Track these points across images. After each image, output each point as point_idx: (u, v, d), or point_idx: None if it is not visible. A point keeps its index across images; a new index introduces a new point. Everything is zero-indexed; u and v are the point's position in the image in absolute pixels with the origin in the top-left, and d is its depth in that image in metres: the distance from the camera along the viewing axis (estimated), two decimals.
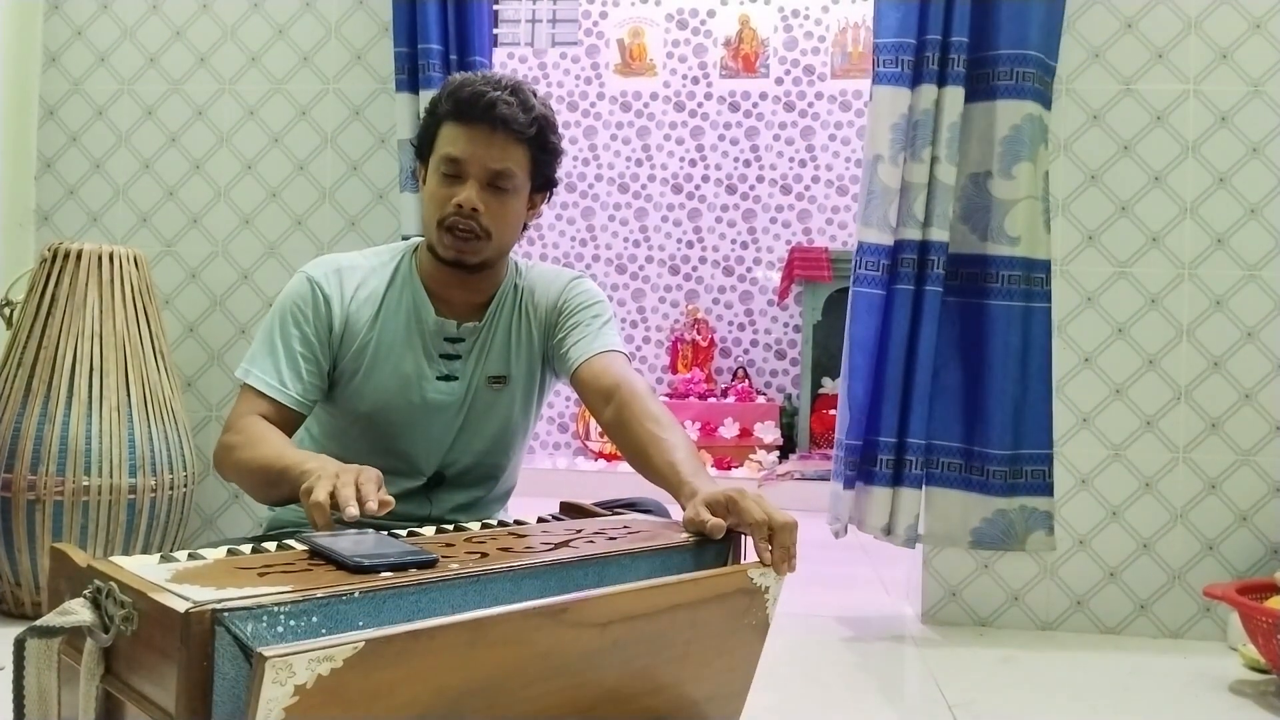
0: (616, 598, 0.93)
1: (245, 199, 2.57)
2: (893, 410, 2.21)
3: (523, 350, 1.49)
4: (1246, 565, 2.25)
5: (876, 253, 2.22)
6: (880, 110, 2.20)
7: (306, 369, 1.40)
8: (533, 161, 1.41)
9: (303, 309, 1.41)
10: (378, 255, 1.51)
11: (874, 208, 2.21)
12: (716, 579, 1.04)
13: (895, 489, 2.23)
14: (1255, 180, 2.27)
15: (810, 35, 5.43)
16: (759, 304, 5.41)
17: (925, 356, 2.20)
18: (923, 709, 1.77)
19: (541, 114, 1.40)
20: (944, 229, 2.19)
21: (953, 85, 2.17)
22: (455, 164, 1.37)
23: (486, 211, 1.37)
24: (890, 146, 2.19)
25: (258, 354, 1.40)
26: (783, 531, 1.08)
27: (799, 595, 2.50)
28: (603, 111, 5.52)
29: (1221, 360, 2.28)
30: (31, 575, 2.08)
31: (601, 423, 1.40)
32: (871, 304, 2.22)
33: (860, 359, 2.22)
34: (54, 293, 2.15)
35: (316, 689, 0.71)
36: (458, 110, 1.37)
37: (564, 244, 5.51)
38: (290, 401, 1.38)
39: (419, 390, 1.44)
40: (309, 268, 1.46)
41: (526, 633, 0.86)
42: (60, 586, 0.90)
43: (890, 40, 2.19)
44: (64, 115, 2.62)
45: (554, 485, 3.82)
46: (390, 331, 1.44)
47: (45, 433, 2.06)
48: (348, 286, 1.44)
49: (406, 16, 2.36)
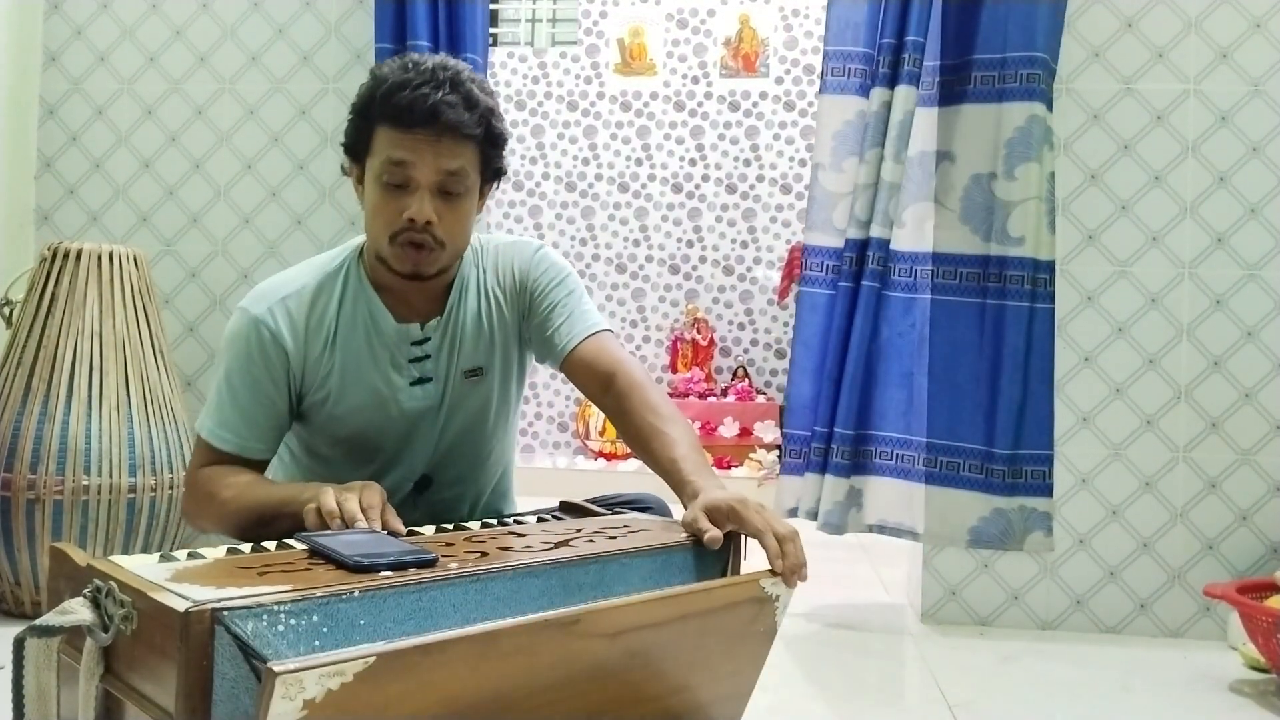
0: (629, 608, 0.92)
1: (245, 198, 2.57)
2: (825, 402, 2.28)
3: (495, 336, 1.42)
4: (1246, 564, 2.25)
5: (820, 254, 2.31)
6: (823, 118, 2.31)
7: (262, 416, 1.34)
8: (482, 157, 1.32)
9: (251, 353, 1.33)
10: (321, 269, 1.40)
11: (816, 212, 2.32)
12: (729, 588, 1.04)
13: (822, 476, 2.29)
14: (1255, 180, 2.27)
15: (810, 35, 5.42)
16: (759, 303, 5.41)
17: (857, 349, 2.25)
18: (923, 708, 1.77)
19: (486, 107, 1.29)
20: (885, 227, 2.25)
21: (904, 85, 2.22)
22: (400, 170, 1.26)
23: (440, 222, 1.28)
24: (831, 155, 2.29)
25: (213, 406, 1.34)
26: (788, 543, 1.07)
27: (799, 595, 2.50)
28: (602, 111, 5.52)
29: (1222, 360, 2.28)
30: (31, 574, 2.08)
31: (600, 407, 1.37)
32: (815, 303, 2.31)
33: (803, 355, 2.32)
34: (54, 292, 2.15)
35: (326, 703, 0.70)
36: (397, 116, 1.25)
37: (564, 243, 5.51)
38: (248, 452, 1.34)
39: (395, 403, 1.38)
40: (250, 305, 1.35)
41: (537, 644, 0.85)
42: (60, 586, 0.90)
43: (837, 49, 2.29)
44: (64, 115, 2.62)
45: (554, 485, 3.82)
46: (351, 351, 1.36)
47: (45, 432, 2.06)
48: (297, 316, 1.35)
49: (392, 12, 2.34)
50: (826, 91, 2.31)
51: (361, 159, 1.32)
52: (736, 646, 1.07)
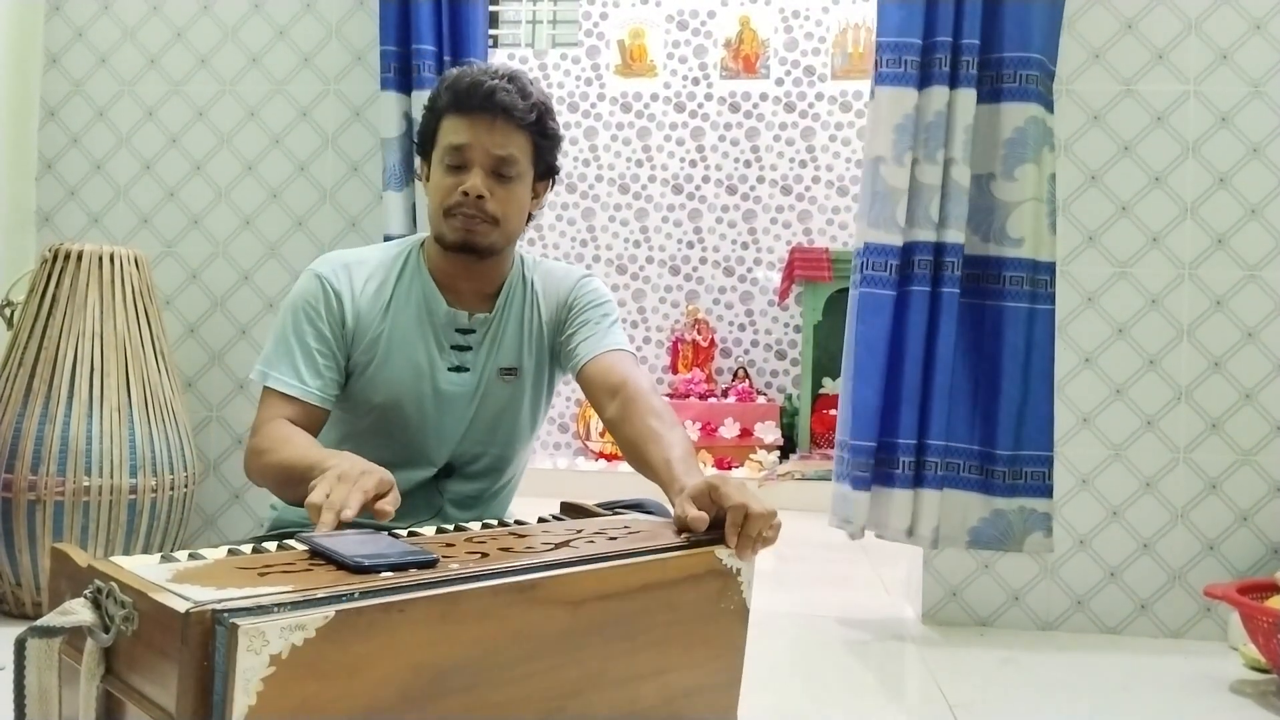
0: (585, 576, 0.95)
1: (246, 200, 2.57)
2: (912, 412, 2.18)
3: (533, 343, 1.50)
4: (1247, 565, 2.25)
5: (884, 253, 2.20)
6: (881, 111, 2.20)
7: (324, 365, 1.40)
8: (534, 148, 1.42)
9: (314, 305, 1.41)
10: (385, 250, 1.51)
11: (880, 208, 2.20)
12: (685, 559, 1.05)
13: (916, 491, 2.20)
14: (1255, 180, 2.27)
15: (811, 36, 5.43)
16: (759, 304, 5.41)
17: (944, 358, 2.18)
18: (923, 709, 1.77)
19: (540, 100, 1.40)
20: (960, 231, 2.18)
21: (964, 88, 2.16)
22: (459, 154, 1.38)
23: (493, 198, 1.38)
24: (893, 147, 2.18)
25: (273, 355, 1.40)
26: (756, 519, 1.08)
27: (799, 595, 2.51)
28: (603, 112, 5.52)
29: (1222, 360, 2.28)
30: (32, 575, 2.08)
31: (604, 419, 1.41)
32: (880, 304, 2.20)
33: (867, 359, 2.20)
34: (55, 293, 2.15)
35: (292, 659, 0.73)
36: (457, 101, 1.38)
37: (564, 244, 5.51)
38: (313, 399, 1.38)
39: (432, 380, 1.44)
40: (317, 265, 1.46)
41: (497, 608, 0.88)
42: (61, 586, 0.90)
43: (892, 39, 2.18)
44: (65, 116, 2.62)
45: (554, 485, 3.82)
46: (402, 323, 1.44)
47: (46, 433, 2.06)
48: (357, 280, 1.44)
49: (397, 16, 2.36)
50: (883, 83, 2.19)
51: (429, 154, 1.44)
52: (709, 627, 1.08)
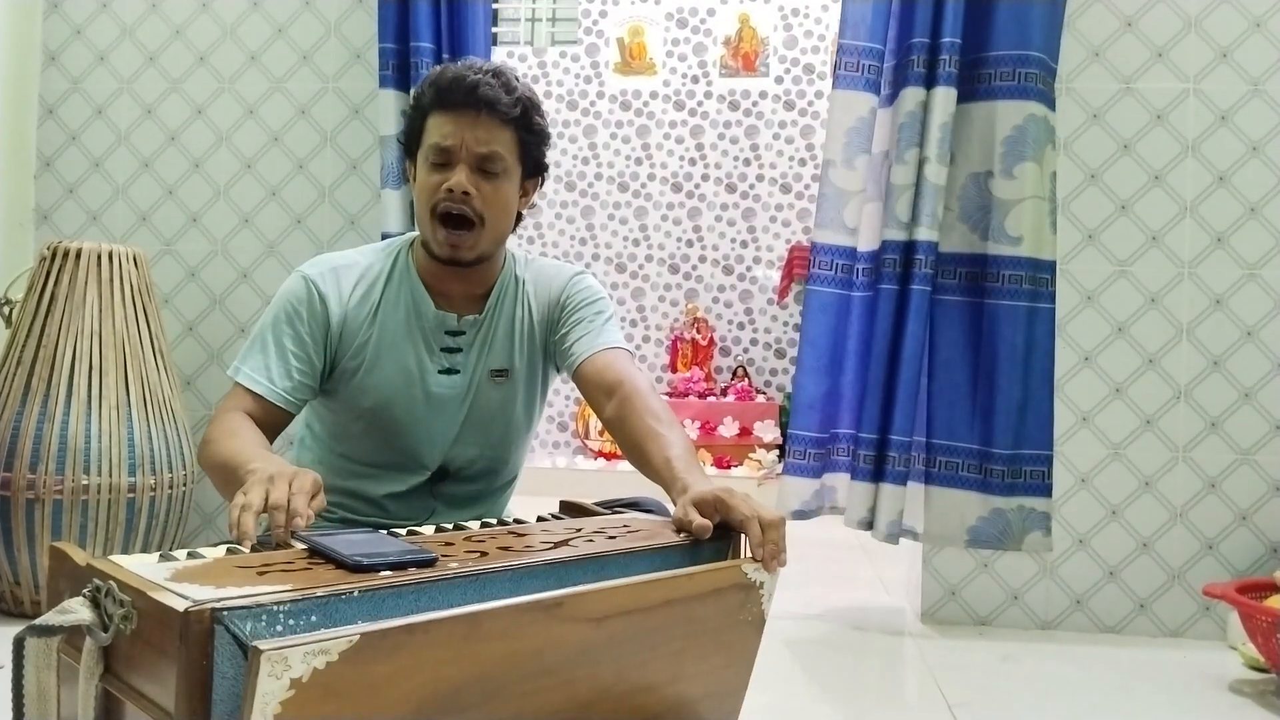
0: (611, 592, 0.94)
1: (245, 198, 2.56)
2: (874, 405, 2.22)
3: (524, 343, 1.49)
4: (1246, 564, 2.25)
5: (831, 253, 2.27)
6: (835, 114, 2.26)
7: (296, 368, 1.39)
8: (520, 144, 1.40)
9: (297, 308, 1.41)
10: (374, 252, 1.50)
11: (827, 210, 2.27)
12: (711, 574, 1.05)
13: (878, 485, 2.23)
14: (1255, 179, 2.27)
15: (810, 34, 5.43)
16: (758, 303, 5.41)
17: (912, 355, 2.20)
18: (923, 708, 1.77)
19: (525, 95, 1.39)
20: (933, 230, 2.19)
21: (943, 86, 2.17)
22: (443, 151, 1.37)
23: (478, 195, 1.36)
24: (843, 151, 2.24)
25: (249, 352, 1.41)
26: (770, 528, 1.08)
27: (799, 595, 2.50)
28: (602, 110, 5.52)
29: (1221, 359, 2.28)
30: (31, 574, 2.08)
31: (603, 418, 1.40)
32: (825, 303, 2.27)
33: (810, 354, 2.27)
34: (53, 292, 2.15)
35: (312, 683, 0.72)
36: (440, 97, 1.37)
37: (564, 243, 5.51)
38: (277, 399, 1.37)
39: (422, 384, 1.44)
40: (305, 267, 1.45)
41: (521, 627, 0.86)
42: (59, 585, 0.90)
43: (850, 42, 2.24)
44: (63, 114, 2.62)
45: (554, 484, 3.82)
46: (390, 326, 1.43)
47: (44, 431, 2.06)
48: (345, 284, 1.44)
49: (396, 13, 2.35)
50: (840, 87, 2.25)
51: (415, 153, 1.42)
52: (725, 636, 1.07)
